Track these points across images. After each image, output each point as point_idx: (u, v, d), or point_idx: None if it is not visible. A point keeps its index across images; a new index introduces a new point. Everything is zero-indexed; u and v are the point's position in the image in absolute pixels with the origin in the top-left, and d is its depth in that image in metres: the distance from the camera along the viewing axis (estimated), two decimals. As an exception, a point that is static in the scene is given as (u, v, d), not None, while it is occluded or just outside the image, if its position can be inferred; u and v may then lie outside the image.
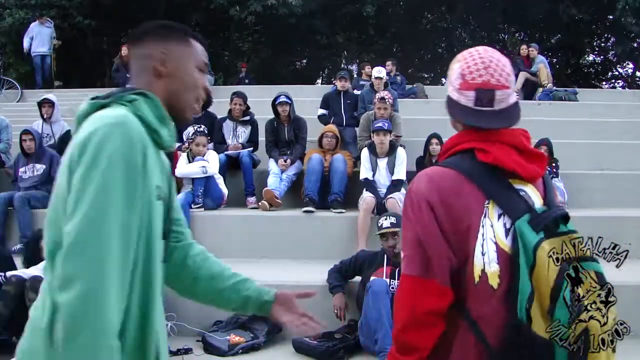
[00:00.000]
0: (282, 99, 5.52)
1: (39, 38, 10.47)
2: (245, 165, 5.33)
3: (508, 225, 1.23)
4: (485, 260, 1.23)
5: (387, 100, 5.60)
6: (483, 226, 1.24)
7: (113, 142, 1.02)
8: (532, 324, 1.15)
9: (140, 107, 1.13)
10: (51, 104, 6.03)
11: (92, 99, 1.16)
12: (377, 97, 5.73)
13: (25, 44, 10.61)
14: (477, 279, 1.23)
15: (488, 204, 1.25)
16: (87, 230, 0.99)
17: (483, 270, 1.23)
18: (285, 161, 5.34)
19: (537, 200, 1.28)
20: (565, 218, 1.26)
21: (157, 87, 1.20)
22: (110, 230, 1.00)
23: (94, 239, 0.99)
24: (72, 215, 1.00)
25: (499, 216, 1.25)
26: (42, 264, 3.58)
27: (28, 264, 3.65)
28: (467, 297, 1.25)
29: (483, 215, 1.25)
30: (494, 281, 1.22)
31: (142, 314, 1.10)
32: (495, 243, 1.23)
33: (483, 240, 1.23)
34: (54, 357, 0.99)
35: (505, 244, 1.22)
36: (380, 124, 5.01)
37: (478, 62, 1.30)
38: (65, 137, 6.05)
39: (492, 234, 1.23)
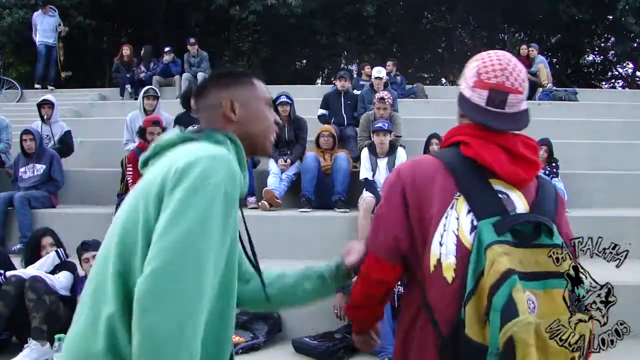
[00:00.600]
0: (283, 99, 5.52)
1: (43, 28, 10.00)
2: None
3: (475, 223, 1.22)
4: (442, 251, 1.23)
5: (386, 100, 5.60)
6: (447, 217, 1.24)
7: (217, 174, 1.03)
8: (465, 323, 1.14)
9: (229, 148, 1.17)
10: (51, 104, 6.02)
11: (183, 133, 1.21)
12: (376, 97, 5.74)
13: (34, 34, 10.10)
14: (432, 268, 1.24)
15: (458, 196, 1.25)
16: (182, 255, 0.97)
17: (439, 260, 1.23)
18: (285, 161, 5.34)
19: (520, 206, 1.26)
20: (549, 231, 1.21)
21: (233, 133, 1.23)
22: (205, 258, 0.99)
23: (189, 263, 0.97)
24: (164, 236, 0.98)
25: (468, 211, 1.24)
26: (39, 263, 3.59)
27: (28, 264, 3.64)
28: (425, 285, 1.27)
29: (450, 206, 1.25)
30: (448, 274, 1.22)
31: (217, 343, 1.12)
32: (457, 236, 1.22)
33: (444, 230, 1.24)
34: None
35: (468, 240, 1.22)
36: (380, 124, 5.00)
37: (495, 63, 1.31)
38: (64, 138, 6.04)
39: (455, 226, 1.23)
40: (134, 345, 0.96)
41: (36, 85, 10.12)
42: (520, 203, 1.26)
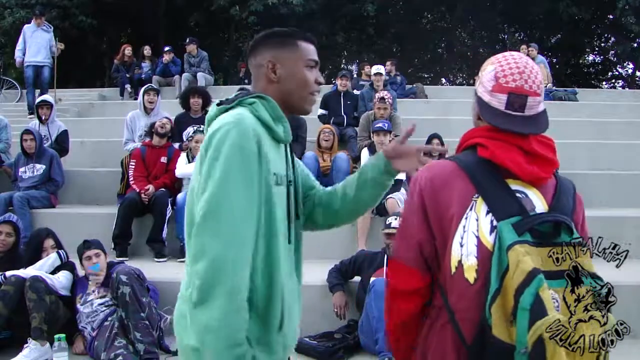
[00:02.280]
0: None
1: (34, 43, 8.17)
2: None
3: (495, 223, 1.22)
4: (463, 252, 1.23)
5: (386, 100, 5.61)
6: (467, 218, 1.25)
7: (231, 136, 1.21)
8: (492, 324, 1.15)
9: (257, 108, 1.32)
10: (49, 105, 6.01)
11: (218, 104, 1.36)
12: (376, 97, 5.75)
13: (17, 52, 8.25)
14: (453, 269, 1.24)
15: (477, 197, 1.25)
16: (213, 206, 1.17)
17: (460, 262, 1.24)
18: None
19: (539, 205, 1.26)
20: (568, 228, 1.22)
21: (272, 91, 1.37)
22: (232, 205, 1.18)
23: (219, 212, 1.17)
24: (201, 196, 1.20)
25: (487, 212, 1.24)
26: (40, 264, 3.59)
27: (29, 264, 3.64)
28: (446, 287, 1.28)
29: (469, 207, 1.25)
30: (470, 275, 1.22)
31: (266, 283, 1.27)
32: (477, 237, 1.23)
33: (464, 231, 1.24)
34: (194, 319, 1.17)
35: (489, 240, 1.22)
36: (380, 125, 5.00)
37: (513, 66, 1.30)
38: (60, 138, 5.99)
39: (475, 227, 1.23)
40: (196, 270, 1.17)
41: (29, 117, 7.97)
42: (538, 202, 1.27)
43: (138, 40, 13.08)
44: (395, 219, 3.60)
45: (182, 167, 4.96)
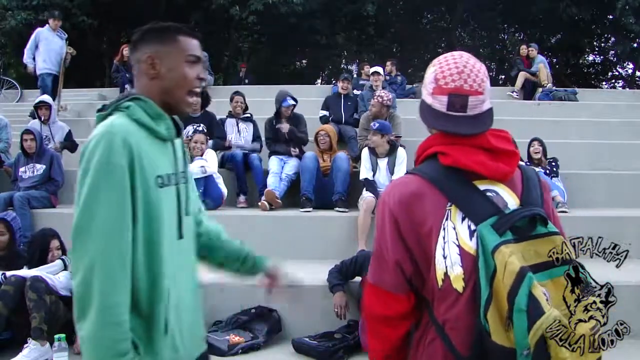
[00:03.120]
0: (290, 101, 5.60)
1: (49, 50, 7.61)
2: (255, 167, 5.40)
3: (472, 228, 1.21)
4: (448, 263, 1.22)
5: (384, 100, 5.61)
6: (444, 229, 1.23)
7: (98, 151, 1.22)
8: (490, 331, 1.13)
9: (134, 111, 1.31)
10: (48, 106, 6.00)
11: (98, 110, 1.35)
12: (375, 95, 5.78)
13: (28, 57, 7.63)
14: (440, 282, 1.23)
15: (450, 206, 1.24)
16: (82, 222, 1.21)
17: (445, 274, 1.22)
18: (294, 151, 5.48)
19: (510, 201, 1.26)
20: (543, 219, 1.22)
21: (152, 88, 1.36)
22: (100, 220, 1.20)
23: (88, 228, 1.20)
24: (75, 210, 1.23)
25: (463, 219, 1.23)
26: (44, 267, 3.58)
27: (30, 263, 3.63)
28: (434, 301, 1.26)
29: (445, 217, 1.23)
30: (458, 284, 1.21)
31: (149, 286, 1.28)
32: (459, 245, 1.21)
33: (444, 242, 1.22)
34: (78, 333, 1.21)
35: (470, 246, 1.20)
36: (372, 125, 5.04)
37: (452, 67, 1.28)
38: (68, 137, 6.10)
39: (454, 236, 1.22)
40: None
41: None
42: (509, 197, 1.26)
43: (138, 40, 13.08)
44: None
45: None
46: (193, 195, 1.50)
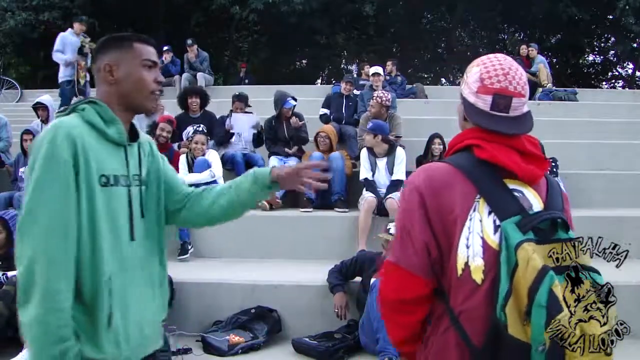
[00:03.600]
0: (292, 102, 5.62)
1: (73, 55, 7.21)
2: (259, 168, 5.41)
3: (497, 223, 1.23)
4: (470, 253, 1.23)
5: (383, 100, 5.62)
6: (471, 219, 1.25)
7: (44, 146, 1.30)
8: (508, 324, 1.14)
9: (87, 113, 1.40)
10: (45, 107, 5.99)
11: (58, 112, 1.44)
12: (374, 95, 5.79)
13: (58, 58, 7.23)
14: (460, 271, 1.24)
15: (479, 198, 1.26)
16: (27, 214, 1.28)
17: (466, 264, 1.23)
18: (296, 150, 5.55)
19: (535, 203, 1.28)
20: (564, 225, 1.24)
21: (110, 93, 1.45)
22: (44, 212, 1.27)
23: (32, 220, 1.27)
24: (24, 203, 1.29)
25: (489, 212, 1.25)
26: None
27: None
28: (451, 290, 1.27)
29: (472, 209, 1.25)
30: (477, 276, 1.22)
31: (92, 279, 1.33)
32: (482, 238, 1.23)
33: (469, 232, 1.24)
34: (21, 319, 1.31)
35: (493, 240, 1.22)
36: (369, 125, 5.06)
37: (498, 68, 1.32)
38: None
39: (479, 228, 1.24)
40: None
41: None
42: (535, 200, 1.28)
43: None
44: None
45: (192, 177, 4.90)
46: (156, 197, 1.53)
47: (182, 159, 5.09)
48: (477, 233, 1.23)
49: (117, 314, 1.36)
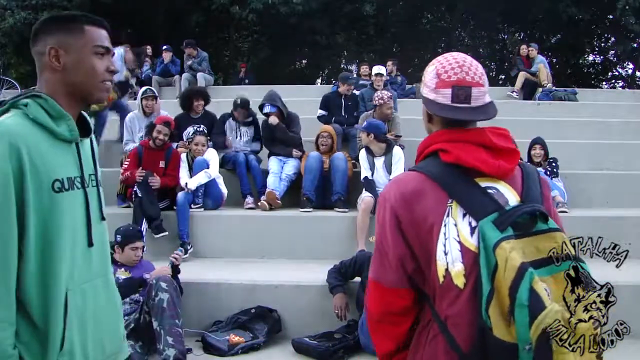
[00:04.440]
0: (267, 109, 5.54)
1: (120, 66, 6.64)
2: (254, 168, 5.42)
3: (473, 224, 1.22)
4: (448, 259, 1.23)
5: (386, 100, 5.61)
6: (445, 225, 1.24)
7: None
8: (492, 325, 1.14)
9: (32, 109, 1.22)
10: None
11: None
12: (376, 96, 5.76)
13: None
14: (441, 278, 1.23)
15: (451, 203, 1.25)
16: None
17: (447, 270, 1.23)
18: (298, 152, 5.49)
19: (511, 197, 1.27)
20: (543, 215, 1.23)
21: (56, 82, 1.27)
22: None
23: None
24: None
25: (464, 215, 1.24)
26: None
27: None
28: (435, 297, 1.26)
29: (445, 214, 1.25)
30: (459, 280, 1.21)
31: (42, 296, 1.19)
32: (460, 242, 1.22)
33: (445, 239, 1.23)
34: None
35: (471, 242, 1.21)
36: (364, 124, 5.06)
37: (452, 62, 1.33)
38: None
39: (455, 233, 1.23)
40: None
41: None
42: (510, 194, 1.27)
43: (138, 40, 13.07)
44: None
45: (192, 181, 4.88)
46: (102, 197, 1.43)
47: (183, 158, 5.09)
48: (454, 238, 1.23)
49: (74, 334, 1.23)
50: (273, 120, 5.48)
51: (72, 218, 1.25)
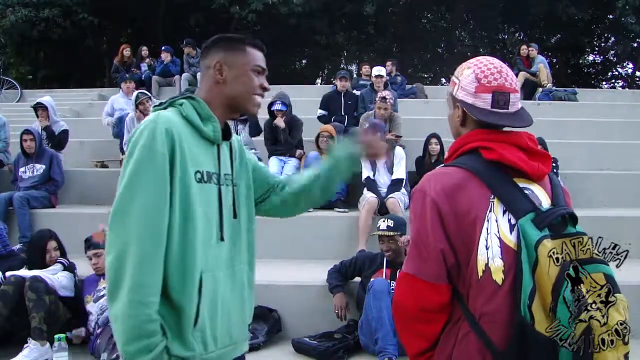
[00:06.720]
0: (278, 106, 5.50)
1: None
2: None
3: (513, 222, 1.24)
4: (489, 254, 1.23)
5: (388, 100, 5.60)
6: (488, 220, 1.25)
7: (142, 138, 1.29)
8: (534, 321, 1.14)
9: (185, 108, 1.40)
10: (44, 107, 5.97)
11: (155, 106, 1.44)
12: (378, 96, 5.74)
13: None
14: (480, 273, 1.23)
15: (493, 198, 1.26)
16: (121, 204, 1.26)
17: (487, 265, 1.23)
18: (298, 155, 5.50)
19: (544, 200, 1.29)
20: (573, 218, 1.26)
21: (215, 91, 1.45)
22: (139, 203, 1.24)
23: (125, 210, 1.25)
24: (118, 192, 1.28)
25: (504, 212, 1.25)
26: (45, 270, 3.58)
27: (32, 266, 3.63)
28: (470, 294, 1.26)
29: (488, 209, 1.26)
30: (497, 276, 1.22)
31: (180, 278, 1.30)
32: (500, 238, 1.23)
33: (487, 234, 1.24)
34: (109, 310, 1.26)
35: (510, 239, 1.23)
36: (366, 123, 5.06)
37: (491, 67, 1.34)
38: (60, 135, 5.95)
39: (496, 228, 1.24)
40: None
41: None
42: (543, 196, 1.30)
43: (138, 40, 13.07)
44: (384, 221, 3.59)
45: None
46: (245, 197, 1.55)
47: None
48: (494, 234, 1.24)
49: (205, 314, 1.33)
50: (281, 123, 5.48)
51: (207, 209, 1.36)
